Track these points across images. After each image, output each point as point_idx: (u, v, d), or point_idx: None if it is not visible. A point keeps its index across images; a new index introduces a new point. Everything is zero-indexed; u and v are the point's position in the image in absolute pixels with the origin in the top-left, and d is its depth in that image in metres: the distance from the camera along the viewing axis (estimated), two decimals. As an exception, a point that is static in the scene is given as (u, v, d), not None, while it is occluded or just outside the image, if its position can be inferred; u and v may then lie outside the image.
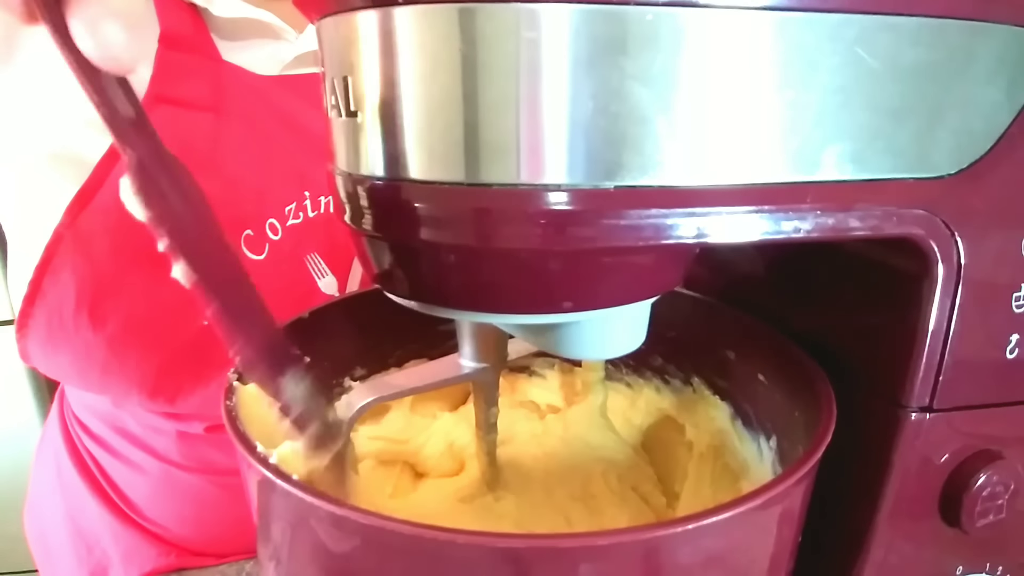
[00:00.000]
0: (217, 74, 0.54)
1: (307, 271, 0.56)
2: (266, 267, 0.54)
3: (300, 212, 0.55)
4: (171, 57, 0.51)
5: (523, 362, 0.51)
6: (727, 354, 0.42)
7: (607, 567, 0.25)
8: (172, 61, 0.52)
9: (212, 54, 0.54)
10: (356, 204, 0.27)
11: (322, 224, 0.55)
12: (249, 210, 0.54)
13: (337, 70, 0.25)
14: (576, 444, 0.46)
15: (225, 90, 0.54)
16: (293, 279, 0.55)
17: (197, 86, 0.53)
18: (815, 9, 0.23)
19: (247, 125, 0.54)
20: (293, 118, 0.55)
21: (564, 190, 0.23)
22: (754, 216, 0.25)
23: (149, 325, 0.52)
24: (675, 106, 0.23)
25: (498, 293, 0.26)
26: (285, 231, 0.55)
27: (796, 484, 0.27)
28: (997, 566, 0.36)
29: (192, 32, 0.53)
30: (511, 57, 0.22)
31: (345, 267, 0.57)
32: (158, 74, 0.51)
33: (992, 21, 0.26)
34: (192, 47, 0.53)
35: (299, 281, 0.55)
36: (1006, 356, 0.32)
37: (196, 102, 0.53)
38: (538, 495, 0.43)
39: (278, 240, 0.54)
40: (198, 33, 0.53)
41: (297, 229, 0.55)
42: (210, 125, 0.53)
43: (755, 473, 0.39)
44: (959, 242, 0.29)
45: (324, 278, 0.56)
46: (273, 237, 0.54)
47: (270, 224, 0.54)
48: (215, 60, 0.54)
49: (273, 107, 0.55)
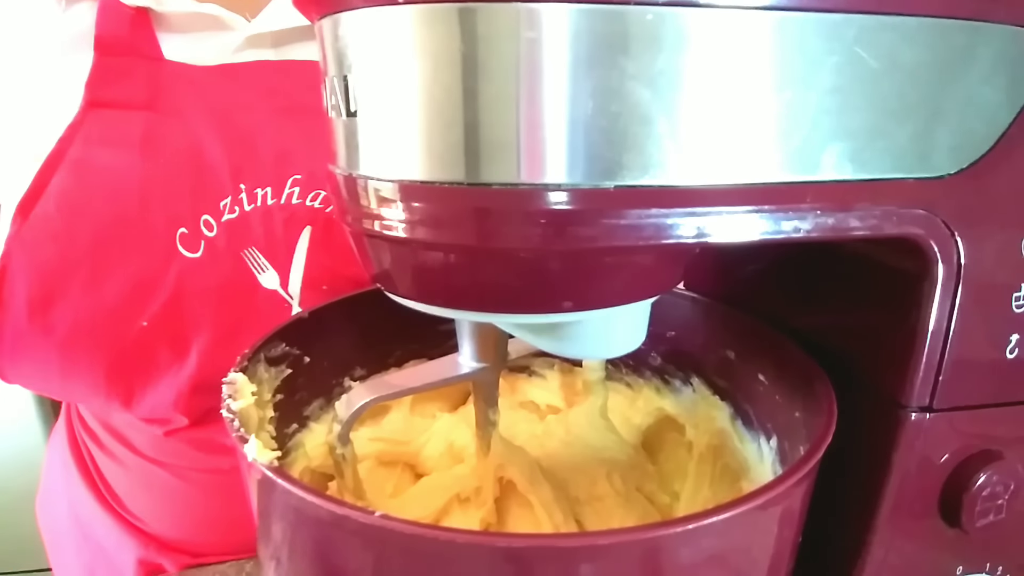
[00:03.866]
0: (155, 73, 0.54)
1: (246, 266, 0.55)
2: (203, 265, 0.54)
3: (236, 206, 0.55)
4: (107, 62, 0.52)
5: (523, 362, 0.51)
6: (727, 354, 0.42)
7: (608, 567, 0.25)
8: (108, 66, 0.52)
9: (153, 53, 0.55)
10: (356, 204, 0.27)
11: (259, 217, 0.55)
12: (183, 207, 0.54)
13: (337, 70, 0.25)
14: (577, 445, 0.46)
15: (162, 88, 0.54)
16: (232, 275, 0.55)
17: (133, 86, 0.53)
18: (815, 9, 0.23)
19: (182, 121, 0.54)
20: (232, 111, 0.55)
21: (564, 190, 0.23)
22: (754, 216, 0.25)
23: (93, 329, 0.53)
24: (675, 106, 0.23)
25: (498, 293, 0.26)
26: (220, 227, 0.54)
27: (796, 484, 0.27)
28: (997, 566, 0.36)
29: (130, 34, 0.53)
30: (511, 57, 0.22)
31: (286, 260, 0.57)
32: (93, 80, 0.52)
33: (992, 21, 0.26)
34: (130, 49, 0.53)
35: (238, 277, 0.55)
36: (1006, 356, 0.32)
37: (131, 102, 0.53)
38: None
39: (213, 236, 0.54)
40: (138, 33, 0.54)
41: (233, 224, 0.55)
42: (143, 122, 0.53)
43: (755, 473, 0.39)
44: (959, 242, 0.29)
45: (264, 272, 0.56)
46: (208, 234, 0.54)
47: (204, 220, 0.54)
48: (155, 59, 0.55)
49: (212, 101, 0.55)
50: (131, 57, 0.53)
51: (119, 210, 0.52)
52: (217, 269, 0.54)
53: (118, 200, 0.52)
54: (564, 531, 0.39)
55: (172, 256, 0.53)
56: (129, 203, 0.52)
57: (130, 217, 0.52)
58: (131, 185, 0.52)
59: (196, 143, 0.54)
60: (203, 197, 0.54)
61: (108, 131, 0.52)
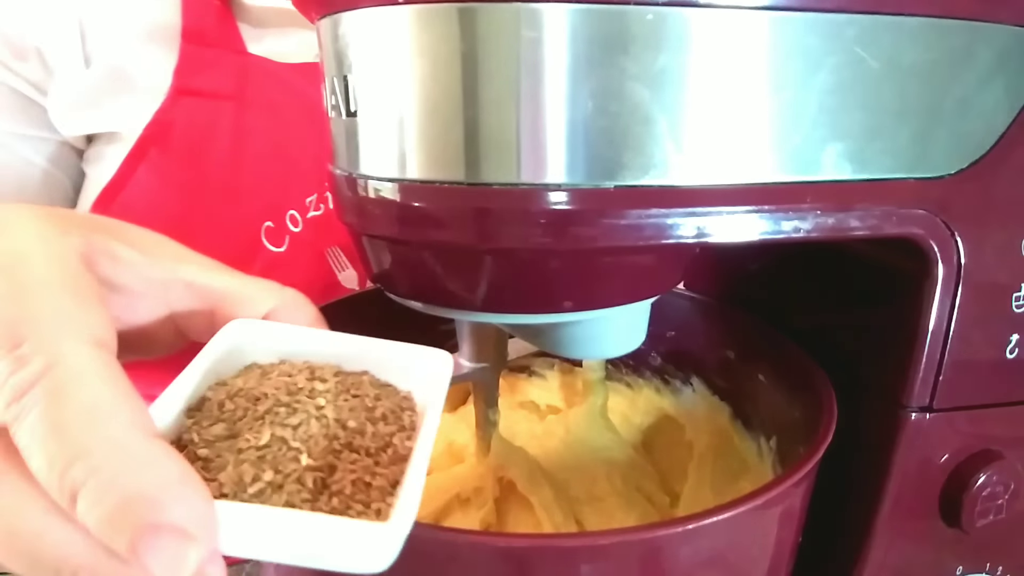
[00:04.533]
0: (241, 65, 0.54)
1: (327, 264, 0.55)
2: (286, 259, 0.54)
3: (321, 203, 0.55)
4: (194, 51, 0.52)
5: (523, 362, 0.51)
6: (727, 354, 0.42)
7: (608, 567, 0.25)
8: (195, 55, 0.52)
9: (237, 46, 0.55)
10: (356, 204, 0.27)
11: None
12: (270, 201, 0.54)
13: (337, 70, 0.25)
14: (578, 446, 0.46)
15: (248, 80, 0.54)
16: (314, 272, 0.55)
17: (220, 76, 0.53)
18: (815, 9, 0.23)
19: (270, 115, 0.54)
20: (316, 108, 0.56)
21: (564, 190, 0.23)
22: (754, 216, 0.25)
23: None
24: (675, 106, 0.23)
25: (498, 293, 0.26)
26: (306, 223, 0.54)
27: (796, 484, 0.27)
28: (997, 566, 0.36)
29: (217, 25, 0.53)
30: (511, 56, 0.22)
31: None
32: (181, 67, 0.52)
33: (992, 21, 0.26)
34: (216, 40, 0.53)
35: (320, 274, 0.55)
36: (1006, 356, 0.32)
37: (218, 92, 0.53)
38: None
39: (299, 232, 0.54)
40: (223, 25, 0.54)
41: (318, 221, 0.55)
42: (232, 114, 0.53)
43: (755, 473, 0.39)
44: (959, 242, 0.29)
45: (344, 271, 0.56)
46: (294, 229, 0.54)
47: (291, 216, 0.54)
48: (239, 52, 0.55)
49: (297, 96, 0.55)
50: (218, 48, 0.54)
51: (205, 201, 0.52)
52: (300, 265, 0.54)
53: (205, 191, 0.52)
54: (564, 531, 0.39)
55: (257, 250, 0.53)
56: (216, 194, 0.52)
57: (216, 208, 0.52)
58: (219, 176, 0.52)
59: (284, 137, 0.54)
60: (289, 192, 0.54)
61: (196, 120, 0.52)
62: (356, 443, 0.22)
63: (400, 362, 0.26)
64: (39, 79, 0.54)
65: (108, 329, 0.21)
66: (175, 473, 0.18)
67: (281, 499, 0.20)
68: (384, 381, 0.26)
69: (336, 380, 0.24)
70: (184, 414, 0.23)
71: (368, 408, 0.24)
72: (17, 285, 0.20)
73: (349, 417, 0.23)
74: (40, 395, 0.18)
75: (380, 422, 0.23)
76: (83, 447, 0.18)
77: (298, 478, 0.21)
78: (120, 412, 0.19)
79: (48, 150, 0.57)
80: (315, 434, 0.22)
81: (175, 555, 0.17)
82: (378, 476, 0.21)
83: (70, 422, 0.18)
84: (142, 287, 0.25)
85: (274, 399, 0.22)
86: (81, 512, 0.17)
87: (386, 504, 0.21)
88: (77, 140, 0.57)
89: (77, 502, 0.17)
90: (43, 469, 0.18)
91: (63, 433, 0.18)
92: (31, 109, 0.55)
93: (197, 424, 0.22)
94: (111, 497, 0.17)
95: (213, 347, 0.24)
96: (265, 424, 0.22)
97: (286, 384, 0.23)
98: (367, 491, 0.21)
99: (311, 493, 0.20)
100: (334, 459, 0.21)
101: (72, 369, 0.19)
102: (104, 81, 0.52)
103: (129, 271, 0.24)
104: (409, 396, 0.25)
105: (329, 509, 0.20)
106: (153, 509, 0.17)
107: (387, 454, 0.22)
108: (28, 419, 0.18)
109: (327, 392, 0.23)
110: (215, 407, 0.22)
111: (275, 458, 0.21)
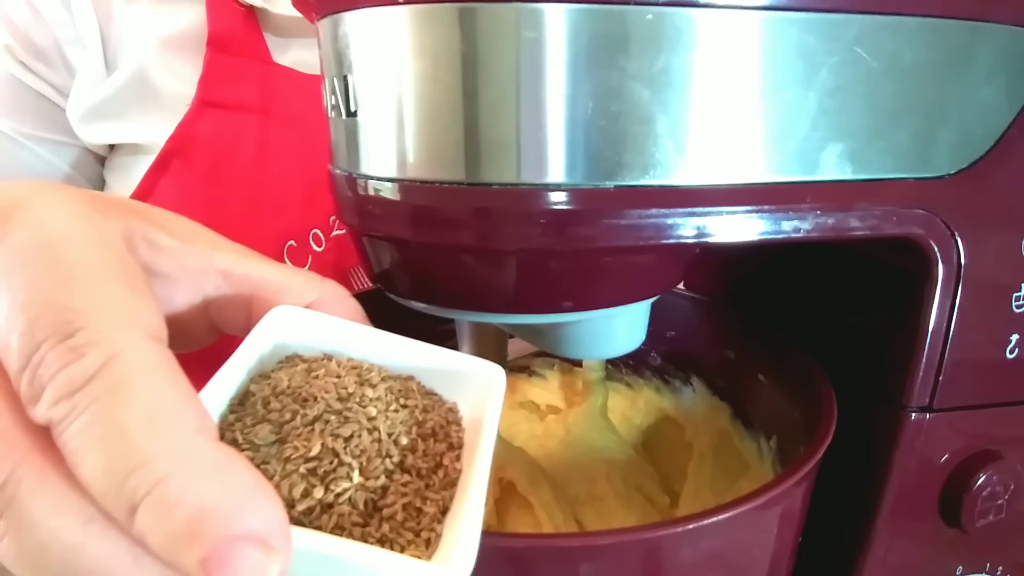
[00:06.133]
0: (267, 76, 0.53)
1: (351, 285, 0.54)
2: None
3: None
4: (219, 60, 0.51)
5: (523, 362, 0.51)
6: (727, 354, 0.42)
7: (608, 567, 0.25)
8: (220, 64, 0.51)
9: (263, 56, 0.54)
10: (356, 204, 0.27)
11: None
12: (294, 219, 0.52)
13: (337, 70, 0.25)
14: (578, 446, 0.46)
15: (274, 92, 0.53)
16: None
17: (245, 88, 0.52)
18: (815, 9, 0.23)
19: (294, 128, 0.53)
20: None
21: (564, 190, 0.23)
22: (754, 216, 0.25)
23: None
24: (675, 106, 0.23)
25: (498, 293, 0.26)
26: (329, 242, 0.53)
27: (796, 484, 0.27)
28: (997, 566, 0.36)
29: (243, 34, 0.52)
30: (511, 56, 0.22)
31: None
32: (206, 77, 0.51)
33: (992, 21, 0.26)
34: (242, 49, 0.52)
35: None
36: (1006, 356, 0.32)
37: (244, 104, 0.52)
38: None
39: (321, 252, 0.53)
40: (249, 35, 0.53)
41: (341, 240, 0.53)
42: (257, 127, 0.52)
43: (755, 473, 0.39)
44: (959, 242, 0.29)
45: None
46: (317, 249, 0.53)
47: (314, 235, 0.53)
48: (265, 62, 0.54)
49: (321, 109, 0.55)
50: (243, 57, 0.52)
51: (228, 219, 0.50)
52: None
53: (227, 208, 0.51)
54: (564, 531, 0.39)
55: None
56: (238, 212, 0.51)
57: (239, 227, 0.50)
58: (242, 192, 0.51)
59: (309, 152, 0.53)
60: (313, 209, 0.53)
61: (221, 133, 0.51)
62: (408, 462, 0.21)
63: (448, 370, 0.24)
64: (62, 83, 0.53)
65: (161, 321, 0.19)
66: (248, 481, 0.16)
67: (331, 521, 0.18)
68: (429, 389, 0.24)
69: (385, 387, 0.22)
70: (227, 408, 0.21)
71: (419, 422, 0.22)
72: (63, 268, 0.18)
73: (401, 431, 0.21)
74: (98, 391, 0.16)
75: (431, 439, 0.22)
76: (147, 453, 0.16)
77: (349, 498, 0.19)
78: (186, 414, 0.17)
79: (70, 155, 0.56)
80: (367, 448, 0.20)
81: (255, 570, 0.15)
82: (429, 501, 0.20)
83: (131, 424, 0.16)
84: (179, 275, 0.23)
85: (324, 404, 0.21)
86: (142, 525, 0.16)
87: (435, 534, 0.19)
88: (99, 148, 0.56)
89: (137, 514, 0.16)
90: (96, 476, 0.16)
91: (124, 436, 0.16)
92: (55, 114, 0.55)
93: (241, 422, 0.20)
94: (181, 509, 0.15)
95: (258, 334, 0.22)
96: (315, 433, 0.20)
97: (335, 387, 0.21)
98: (418, 517, 0.20)
99: (362, 517, 0.19)
100: (387, 479, 0.20)
101: (133, 365, 0.17)
102: (127, 89, 0.51)
103: (167, 258, 0.22)
104: (455, 408, 0.24)
105: (379, 536, 0.19)
106: (229, 522, 0.15)
107: (438, 476, 0.21)
108: (82, 419, 0.16)
109: (377, 400, 0.22)
110: (259, 404, 0.21)
111: (326, 473, 0.19)
